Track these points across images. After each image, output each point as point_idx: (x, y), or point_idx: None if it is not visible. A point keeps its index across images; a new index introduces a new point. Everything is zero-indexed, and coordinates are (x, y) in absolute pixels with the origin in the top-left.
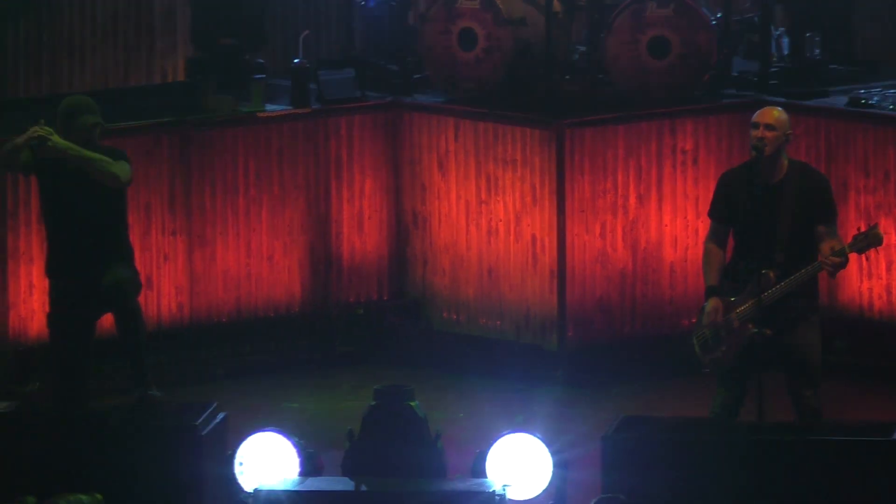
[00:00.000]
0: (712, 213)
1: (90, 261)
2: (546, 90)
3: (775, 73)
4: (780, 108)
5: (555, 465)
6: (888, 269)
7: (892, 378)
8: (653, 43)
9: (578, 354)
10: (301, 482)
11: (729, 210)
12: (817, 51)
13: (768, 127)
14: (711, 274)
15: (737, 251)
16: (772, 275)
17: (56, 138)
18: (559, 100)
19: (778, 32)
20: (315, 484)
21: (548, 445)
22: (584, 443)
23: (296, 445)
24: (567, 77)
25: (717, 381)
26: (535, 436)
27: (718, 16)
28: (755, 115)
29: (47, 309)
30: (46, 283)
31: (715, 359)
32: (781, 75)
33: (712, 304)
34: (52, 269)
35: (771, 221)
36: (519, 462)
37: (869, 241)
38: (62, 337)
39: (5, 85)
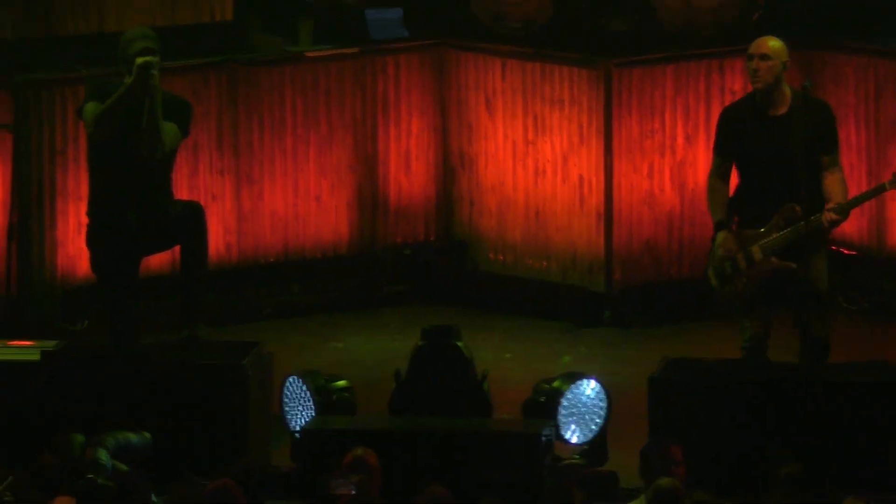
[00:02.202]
0: (717, 149)
1: (145, 198)
2: (594, 29)
3: (824, 11)
4: (775, 38)
5: (603, 409)
6: None
7: None
8: None
9: (625, 296)
10: (348, 421)
11: (734, 144)
12: None
13: (763, 57)
14: (718, 209)
15: (744, 185)
16: (797, 209)
17: (157, 71)
18: (607, 39)
19: None
20: (362, 422)
21: (604, 389)
22: (631, 384)
23: (309, 390)
24: (615, 16)
25: (742, 315)
26: (593, 379)
27: None
28: (750, 46)
29: (90, 252)
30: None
31: (734, 291)
32: (829, 13)
33: (723, 236)
34: (101, 209)
35: (784, 155)
36: (570, 405)
37: None
38: (114, 278)
39: (52, 23)
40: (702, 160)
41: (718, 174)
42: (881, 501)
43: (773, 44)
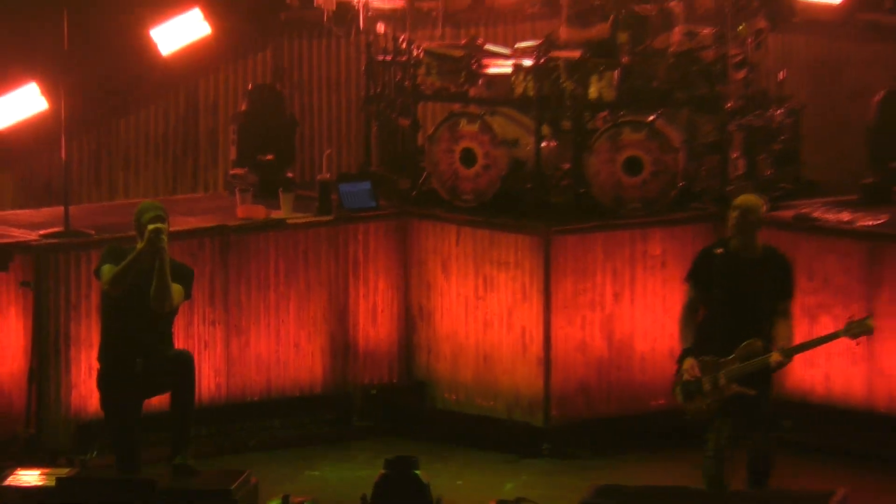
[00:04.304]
0: (691, 279)
1: (150, 347)
2: (536, 202)
3: (732, 189)
4: (755, 195)
5: None
6: (827, 360)
7: (830, 454)
8: (628, 162)
9: (562, 431)
10: None
11: (705, 279)
12: (769, 171)
13: (741, 210)
14: (688, 337)
15: (714, 316)
16: (760, 344)
17: (166, 236)
18: (547, 210)
19: (735, 154)
20: None
21: None
22: None
23: None
24: (555, 190)
25: (708, 427)
26: None
27: (685, 139)
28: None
29: (100, 393)
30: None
31: (698, 409)
32: (737, 191)
33: (689, 363)
34: (112, 356)
35: (751, 295)
36: None
37: (862, 329)
38: (122, 418)
39: (69, 193)
40: (627, 315)
41: (691, 306)
42: None
43: (752, 200)
